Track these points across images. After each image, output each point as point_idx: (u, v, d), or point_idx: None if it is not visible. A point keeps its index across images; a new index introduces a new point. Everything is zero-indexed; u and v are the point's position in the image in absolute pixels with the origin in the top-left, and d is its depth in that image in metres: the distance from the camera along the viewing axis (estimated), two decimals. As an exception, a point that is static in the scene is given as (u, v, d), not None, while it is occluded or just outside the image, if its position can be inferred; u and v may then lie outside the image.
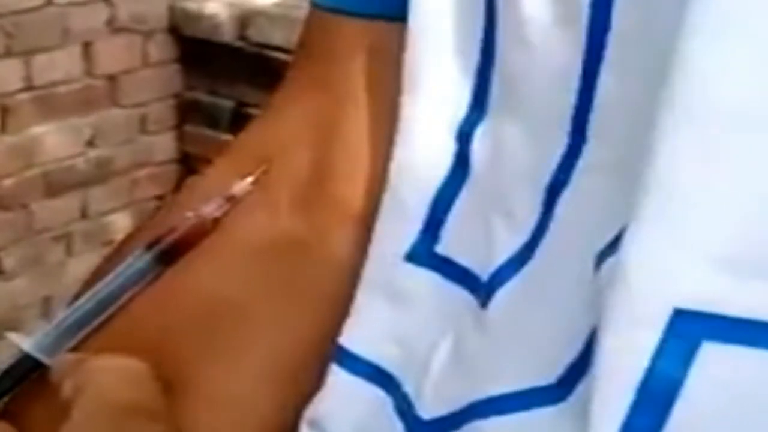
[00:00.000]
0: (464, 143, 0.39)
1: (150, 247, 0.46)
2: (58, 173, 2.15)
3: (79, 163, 2.18)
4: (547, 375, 0.32)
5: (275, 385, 0.43)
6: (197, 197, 0.46)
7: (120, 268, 0.47)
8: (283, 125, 0.45)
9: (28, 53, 2.04)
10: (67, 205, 2.17)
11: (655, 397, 0.28)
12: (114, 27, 2.16)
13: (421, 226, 0.39)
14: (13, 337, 0.47)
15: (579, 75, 0.34)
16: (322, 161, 0.44)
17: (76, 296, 0.48)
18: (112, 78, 2.19)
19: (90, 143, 2.19)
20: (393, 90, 0.40)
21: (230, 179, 0.46)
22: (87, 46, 2.13)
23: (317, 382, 0.41)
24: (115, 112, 2.21)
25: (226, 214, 0.45)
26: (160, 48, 2.23)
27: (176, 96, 2.27)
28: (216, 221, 0.45)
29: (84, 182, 2.19)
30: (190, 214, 0.46)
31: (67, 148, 2.15)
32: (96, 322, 0.46)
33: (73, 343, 0.46)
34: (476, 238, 0.37)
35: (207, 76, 2.18)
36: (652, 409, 0.28)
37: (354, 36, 0.43)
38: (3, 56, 2.00)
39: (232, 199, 0.46)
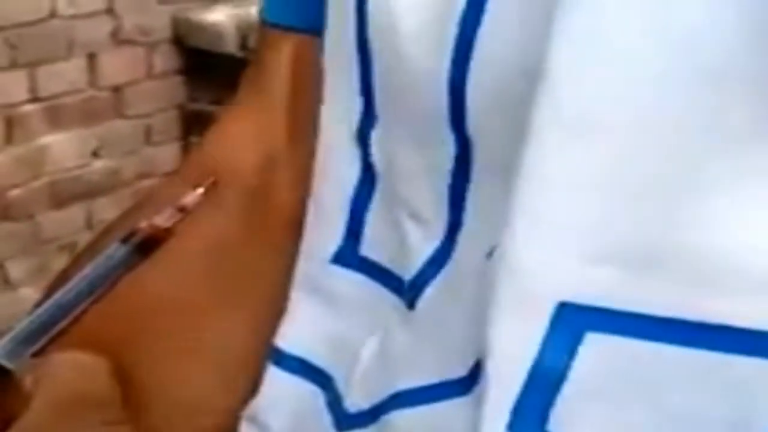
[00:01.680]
0: (365, 148, 0.40)
1: (114, 251, 0.48)
2: (64, 184, 2.17)
3: (85, 173, 2.20)
4: (460, 368, 0.33)
5: (223, 385, 0.44)
6: (151, 208, 0.48)
7: (76, 278, 0.48)
8: (230, 139, 0.47)
9: (33, 65, 2.06)
10: (72, 215, 2.19)
11: (544, 381, 0.30)
12: (118, 39, 2.18)
13: (343, 228, 0.40)
14: None
15: (448, 78, 0.35)
16: (264, 171, 0.45)
17: (37, 304, 0.49)
18: (116, 89, 2.21)
19: (95, 154, 2.21)
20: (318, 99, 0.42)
21: (182, 191, 0.47)
22: (92, 58, 2.15)
23: (257, 380, 0.42)
24: (120, 123, 2.23)
25: (178, 222, 0.47)
26: (164, 59, 2.25)
27: (180, 107, 2.29)
28: (168, 230, 0.47)
29: (90, 193, 2.21)
30: (144, 224, 0.47)
31: (72, 159, 2.18)
32: (55, 329, 0.48)
33: (35, 348, 0.48)
34: (393, 240, 0.39)
35: (211, 86, 2.19)
36: (542, 391, 0.30)
37: (288, 49, 0.44)
38: (8, 68, 2.03)
39: (183, 210, 0.47)
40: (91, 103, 2.18)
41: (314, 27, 0.42)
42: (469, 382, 0.33)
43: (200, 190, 0.47)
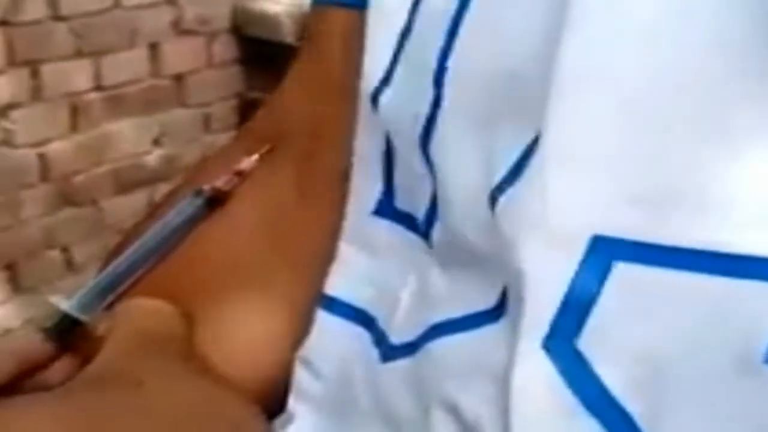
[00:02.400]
0: (377, 110, 0.44)
1: (176, 214, 0.52)
2: (126, 170, 2.23)
3: (147, 160, 2.26)
4: (490, 299, 0.37)
5: (280, 329, 0.48)
6: (211, 174, 0.51)
7: (145, 235, 0.52)
8: (284, 108, 0.51)
9: (97, 54, 2.12)
10: (134, 200, 2.25)
11: (576, 304, 0.33)
12: (179, 29, 2.23)
13: (381, 183, 0.44)
14: (53, 299, 0.53)
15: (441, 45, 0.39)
16: (315, 137, 0.49)
17: (108, 261, 0.53)
18: (177, 78, 2.26)
19: (157, 141, 2.26)
20: None
21: (239, 157, 0.51)
22: (154, 47, 2.21)
23: (310, 327, 0.46)
24: (181, 112, 2.29)
25: (236, 186, 0.51)
26: (224, 49, 2.30)
27: (239, 95, 2.34)
28: (227, 194, 0.51)
29: (152, 179, 2.26)
30: (206, 187, 0.51)
31: (134, 146, 2.23)
32: (126, 283, 0.51)
33: (108, 301, 0.51)
34: (410, 191, 0.43)
35: (268, 76, 2.22)
36: (573, 314, 0.34)
37: (337, 23, 0.48)
38: (73, 57, 2.09)
39: (240, 174, 0.51)
40: (153, 91, 2.24)
41: (359, 3, 0.46)
42: (498, 310, 0.36)
43: (256, 156, 0.51)
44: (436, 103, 0.39)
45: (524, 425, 0.34)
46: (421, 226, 0.42)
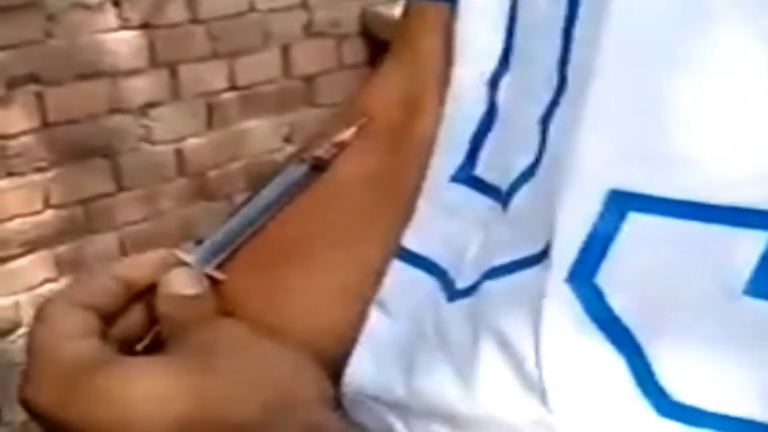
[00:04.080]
0: (493, 91, 0.50)
1: (283, 179, 0.58)
2: (259, 167, 2.32)
3: (278, 157, 2.35)
4: (538, 245, 0.43)
5: (363, 286, 0.54)
6: (315, 145, 0.58)
7: (256, 198, 0.59)
8: (383, 89, 0.57)
9: (232, 55, 2.22)
10: (265, 196, 2.33)
11: (595, 248, 0.41)
12: (311, 31, 2.32)
13: (463, 155, 0.50)
14: (179, 252, 0.59)
15: (562, 31, 0.45)
16: (408, 113, 0.55)
17: (226, 219, 0.60)
18: (308, 79, 2.35)
19: (287, 139, 2.36)
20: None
21: (341, 129, 0.57)
22: (285, 49, 2.30)
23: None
24: (311, 111, 2.38)
25: (335, 156, 0.57)
26: (353, 51, 2.38)
27: (366, 96, 2.41)
28: (327, 161, 0.57)
29: (282, 176, 2.34)
30: (308, 155, 0.58)
31: (266, 144, 2.33)
32: (239, 240, 0.58)
33: (223, 256, 0.58)
34: (500, 162, 0.49)
35: (395, 76, 2.29)
36: (592, 256, 0.41)
37: (430, 15, 0.54)
38: (209, 58, 2.20)
39: (340, 145, 0.57)
40: (285, 92, 2.33)
41: None
42: (542, 255, 0.43)
43: (353, 128, 0.57)
44: (560, 90, 0.45)
45: (553, 345, 0.41)
46: (504, 194, 0.48)
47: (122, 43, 2.12)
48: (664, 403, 0.39)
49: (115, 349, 0.51)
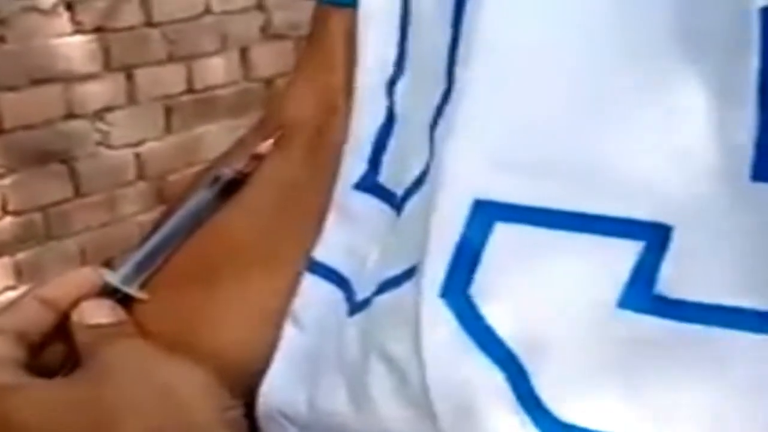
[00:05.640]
0: (391, 97, 0.49)
1: (201, 193, 0.57)
2: (219, 170, 2.31)
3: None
4: (417, 257, 0.42)
5: (281, 300, 0.53)
6: (233, 158, 0.57)
7: (177, 213, 0.58)
8: (296, 100, 0.56)
9: (189, 58, 2.21)
10: (226, 199, 2.33)
11: (465, 259, 0.39)
12: (268, 33, 2.31)
13: (366, 163, 0.50)
14: (103, 271, 0.58)
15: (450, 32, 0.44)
16: (322, 122, 0.54)
17: (145, 238, 0.59)
18: (267, 81, 2.34)
19: (247, 142, 2.34)
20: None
21: (258, 142, 0.57)
22: (243, 52, 2.29)
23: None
24: (271, 113, 2.36)
25: (253, 169, 0.56)
26: (312, 52, 2.37)
27: (325, 97, 2.40)
28: (246, 175, 0.56)
29: (242, 179, 2.34)
30: (227, 170, 0.57)
31: (226, 147, 2.31)
32: (158, 260, 0.57)
33: (143, 277, 0.57)
34: (399, 169, 0.48)
35: (354, 78, 2.29)
36: (464, 267, 0.39)
37: (338, 20, 0.53)
38: (166, 61, 2.18)
39: (257, 157, 0.56)
40: (244, 94, 2.32)
41: (352, 2, 0.51)
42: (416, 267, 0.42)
43: (270, 141, 0.56)
44: (447, 94, 0.44)
45: (435, 364, 0.39)
46: (399, 199, 0.47)
47: (76, 48, 2.10)
48: (546, 422, 0.38)
49: (35, 374, 0.51)
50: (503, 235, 0.39)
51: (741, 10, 0.35)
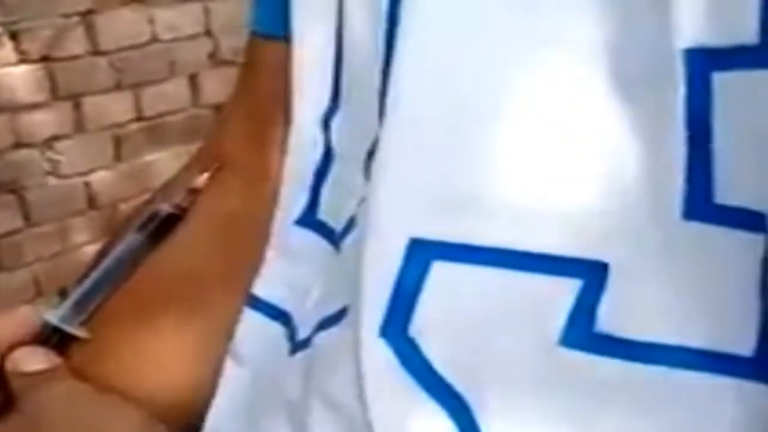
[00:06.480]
0: (327, 131, 0.49)
1: (141, 228, 0.57)
2: (170, 197, 2.30)
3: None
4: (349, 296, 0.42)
5: (222, 336, 0.53)
6: (169, 193, 0.57)
7: (115, 250, 0.58)
8: (232, 132, 0.56)
9: (137, 86, 2.20)
10: (178, 226, 2.32)
11: (403, 298, 0.39)
12: (217, 59, 2.31)
13: (306, 198, 0.50)
14: (42, 310, 0.58)
15: (380, 70, 0.44)
16: (258, 154, 0.54)
17: (84, 276, 0.59)
18: (217, 108, 2.34)
19: (198, 168, 2.33)
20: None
21: (193, 176, 0.57)
22: (192, 78, 2.28)
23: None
24: (221, 139, 2.36)
25: (190, 202, 0.56)
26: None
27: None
28: (183, 209, 0.56)
29: (194, 205, 2.33)
30: (163, 205, 0.57)
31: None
32: (96, 301, 0.57)
33: (84, 316, 0.57)
34: (336, 204, 0.48)
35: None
36: (402, 307, 0.39)
37: (272, 52, 0.54)
38: (113, 89, 2.17)
39: (194, 191, 0.56)
40: (193, 121, 2.31)
41: (286, 36, 0.52)
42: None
43: (206, 174, 0.56)
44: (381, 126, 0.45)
45: (378, 405, 0.39)
46: (338, 236, 0.47)
47: (22, 77, 2.08)
48: None
49: None
50: (440, 274, 0.38)
51: (665, 50, 0.35)
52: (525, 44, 0.38)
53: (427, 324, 0.39)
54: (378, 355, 0.39)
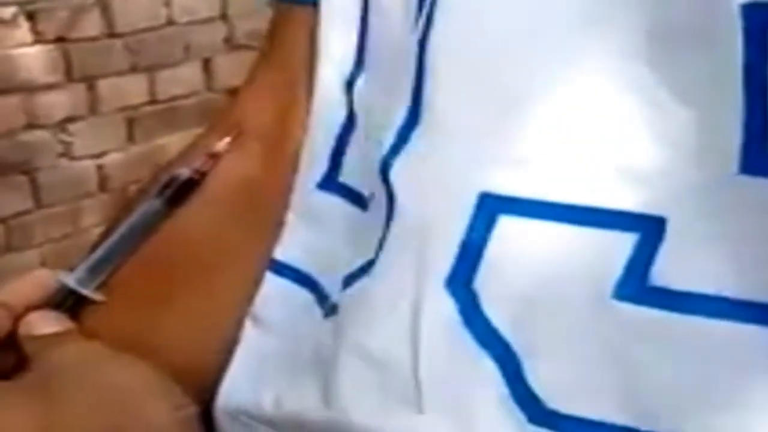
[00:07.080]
0: (350, 94, 0.49)
1: (159, 194, 0.57)
2: (182, 181, 2.30)
3: (202, 172, 2.33)
4: (370, 252, 0.43)
5: (240, 300, 0.53)
6: (189, 157, 0.57)
7: (133, 214, 0.57)
8: (254, 98, 0.56)
9: (151, 68, 2.20)
10: (189, 210, 2.32)
11: (470, 251, 0.40)
12: (232, 44, 2.31)
13: (328, 162, 0.49)
14: (58, 274, 0.58)
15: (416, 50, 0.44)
16: (280, 121, 0.54)
17: (99, 241, 0.59)
18: (231, 92, 2.33)
19: (210, 153, 2.33)
20: None
21: (214, 141, 0.56)
22: (207, 62, 2.28)
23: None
24: (234, 124, 2.36)
25: (211, 167, 0.56)
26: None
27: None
28: (203, 174, 0.56)
29: (206, 190, 2.33)
30: (183, 169, 0.56)
31: (189, 158, 2.30)
32: (112, 265, 0.56)
33: (100, 279, 0.56)
34: (361, 166, 0.48)
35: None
36: (468, 259, 0.40)
37: (298, 19, 0.53)
38: (128, 71, 2.17)
39: (214, 156, 0.56)
40: (207, 105, 2.31)
41: (313, 0, 0.52)
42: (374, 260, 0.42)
43: (227, 139, 0.56)
44: (417, 96, 0.45)
45: (430, 358, 0.40)
46: (365, 199, 0.47)
47: (37, 58, 2.08)
48: (536, 411, 0.38)
49: None
50: (506, 228, 0.40)
51: (722, 6, 0.35)
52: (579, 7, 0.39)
53: (490, 277, 0.40)
54: (440, 307, 0.40)
